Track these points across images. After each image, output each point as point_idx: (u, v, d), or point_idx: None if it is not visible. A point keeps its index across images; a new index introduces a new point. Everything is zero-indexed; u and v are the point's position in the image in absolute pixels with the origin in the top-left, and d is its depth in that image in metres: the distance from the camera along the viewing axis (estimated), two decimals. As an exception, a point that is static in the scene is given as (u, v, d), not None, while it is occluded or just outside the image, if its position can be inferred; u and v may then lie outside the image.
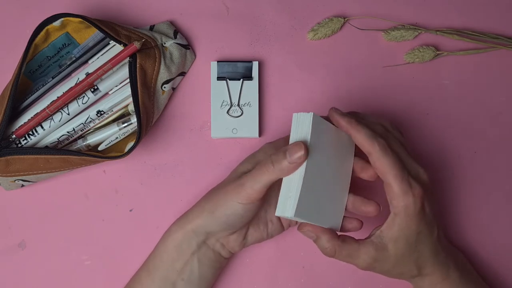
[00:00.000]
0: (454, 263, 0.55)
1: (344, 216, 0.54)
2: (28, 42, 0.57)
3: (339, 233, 0.53)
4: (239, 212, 0.52)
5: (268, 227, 0.57)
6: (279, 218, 0.57)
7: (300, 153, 0.48)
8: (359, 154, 0.53)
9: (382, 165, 0.49)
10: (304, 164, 0.48)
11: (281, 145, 0.55)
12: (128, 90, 0.58)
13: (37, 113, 0.58)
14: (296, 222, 0.57)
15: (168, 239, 0.55)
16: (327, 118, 0.52)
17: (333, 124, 0.52)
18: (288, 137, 0.51)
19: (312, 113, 0.49)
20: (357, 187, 0.55)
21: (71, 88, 0.58)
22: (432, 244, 0.52)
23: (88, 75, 0.58)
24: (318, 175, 0.50)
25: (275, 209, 0.49)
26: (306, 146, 0.48)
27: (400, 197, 0.49)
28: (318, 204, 0.50)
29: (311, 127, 0.49)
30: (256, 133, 0.62)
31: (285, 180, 0.50)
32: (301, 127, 0.49)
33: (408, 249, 0.51)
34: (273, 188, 0.53)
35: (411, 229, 0.50)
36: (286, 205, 0.49)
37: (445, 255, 0.54)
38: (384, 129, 0.52)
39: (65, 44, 0.60)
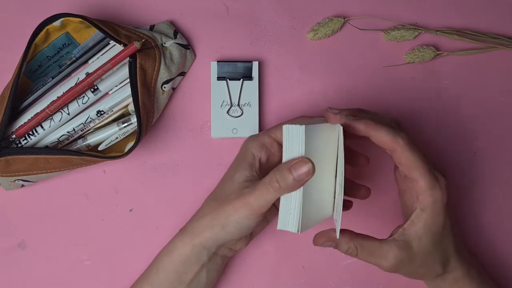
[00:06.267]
0: (474, 260, 0.54)
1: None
2: (28, 42, 0.57)
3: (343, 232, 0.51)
4: (251, 224, 0.52)
5: (267, 217, 0.57)
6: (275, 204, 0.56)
7: (308, 168, 0.46)
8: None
9: (408, 160, 0.48)
10: None
11: (264, 140, 0.54)
12: (128, 90, 0.58)
13: (37, 113, 0.58)
14: None
15: (174, 252, 0.54)
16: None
17: (321, 121, 0.51)
18: (270, 130, 0.53)
19: (304, 127, 0.46)
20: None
21: (71, 88, 0.58)
22: (454, 239, 0.50)
23: (88, 75, 0.58)
24: (314, 181, 0.48)
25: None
26: (311, 162, 0.46)
27: (427, 191, 0.48)
28: (317, 206, 0.50)
29: (305, 140, 0.47)
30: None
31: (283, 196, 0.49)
32: (294, 140, 0.47)
33: (433, 246, 0.49)
34: None
35: (437, 225, 0.48)
36: (289, 221, 0.48)
37: (467, 250, 0.53)
38: (397, 125, 0.51)
39: (65, 44, 0.60)
